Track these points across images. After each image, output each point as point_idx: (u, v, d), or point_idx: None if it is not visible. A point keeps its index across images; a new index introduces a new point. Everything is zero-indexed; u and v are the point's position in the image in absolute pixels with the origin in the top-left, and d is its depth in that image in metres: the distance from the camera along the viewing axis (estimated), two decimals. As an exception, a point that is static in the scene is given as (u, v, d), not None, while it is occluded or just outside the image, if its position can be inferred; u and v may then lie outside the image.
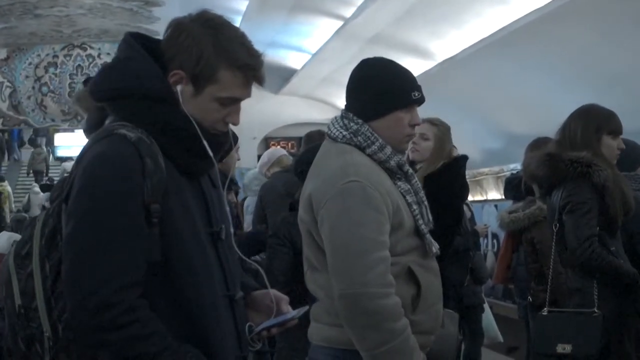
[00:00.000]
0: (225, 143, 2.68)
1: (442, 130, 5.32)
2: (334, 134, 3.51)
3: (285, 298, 2.87)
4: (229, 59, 2.53)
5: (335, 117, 3.58)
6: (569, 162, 4.72)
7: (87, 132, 2.71)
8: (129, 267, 2.37)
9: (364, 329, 3.25)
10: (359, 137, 3.45)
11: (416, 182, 3.57)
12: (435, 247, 3.52)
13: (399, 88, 3.48)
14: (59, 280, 2.42)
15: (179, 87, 2.53)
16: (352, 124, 3.48)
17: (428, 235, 3.49)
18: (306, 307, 2.92)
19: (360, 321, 3.25)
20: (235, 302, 2.66)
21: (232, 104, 2.60)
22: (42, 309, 2.43)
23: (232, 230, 2.76)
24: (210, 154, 2.57)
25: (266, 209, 6.80)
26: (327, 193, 3.33)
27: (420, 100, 3.50)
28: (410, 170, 3.58)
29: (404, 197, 3.45)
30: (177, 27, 2.57)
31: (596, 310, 4.63)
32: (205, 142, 2.54)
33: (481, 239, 9.85)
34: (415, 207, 3.47)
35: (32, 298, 2.44)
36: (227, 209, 2.79)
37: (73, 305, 2.34)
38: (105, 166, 2.41)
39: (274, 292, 2.87)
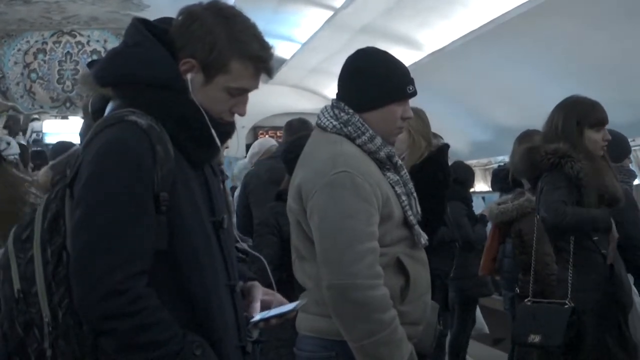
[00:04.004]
0: (231, 132, 2.69)
1: (417, 122, 5.28)
2: (324, 123, 3.52)
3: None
4: (241, 49, 2.55)
5: (326, 107, 3.59)
6: (545, 154, 4.76)
7: (93, 116, 2.71)
8: (137, 256, 2.37)
9: (353, 320, 3.27)
10: (349, 127, 3.46)
11: (405, 173, 3.60)
12: (423, 238, 3.54)
13: (395, 82, 3.50)
14: (60, 266, 2.42)
15: (189, 76, 2.54)
16: (342, 114, 3.49)
17: (417, 227, 3.52)
18: (305, 300, 2.93)
19: (348, 312, 3.27)
20: (235, 291, 2.67)
21: (240, 94, 2.62)
22: (43, 294, 2.43)
23: (233, 219, 2.78)
24: (218, 143, 2.58)
25: (249, 197, 6.81)
26: (317, 183, 3.35)
27: (414, 94, 3.52)
28: (400, 162, 3.60)
29: (393, 188, 3.47)
30: (190, 15, 2.57)
31: (567, 302, 4.66)
32: (213, 131, 2.55)
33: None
34: (404, 198, 3.48)
35: (32, 283, 2.44)
36: (230, 198, 2.80)
37: (80, 293, 2.35)
38: (117, 153, 2.41)
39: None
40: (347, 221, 3.28)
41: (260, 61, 2.60)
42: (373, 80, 3.50)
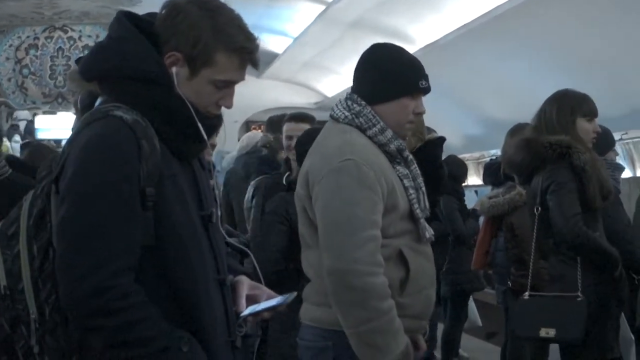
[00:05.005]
0: (218, 126, 2.68)
1: None
2: (337, 114, 3.58)
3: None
4: (226, 42, 2.53)
5: (340, 99, 3.64)
6: (548, 145, 4.74)
7: (82, 112, 2.70)
8: (124, 252, 2.36)
9: (350, 306, 3.30)
10: (361, 119, 3.52)
11: (415, 168, 3.64)
12: (429, 233, 3.57)
13: (407, 75, 3.55)
14: (46, 262, 2.41)
15: (174, 69, 2.52)
16: (355, 106, 3.54)
17: (422, 221, 3.55)
18: (294, 293, 2.93)
19: (346, 297, 3.30)
20: (225, 286, 2.67)
21: (226, 87, 2.60)
22: (29, 290, 2.42)
23: (219, 213, 2.77)
24: (205, 136, 2.57)
25: (230, 193, 6.85)
26: (323, 170, 3.40)
27: (427, 90, 3.58)
28: (410, 157, 3.65)
29: (402, 181, 3.51)
30: (174, 8, 2.55)
31: (580, 295, 4.64)
32: (200, 125, 2.54)
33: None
34: (412, 191, 3.52)
35: (19, 279, 2.43)
36: (217, 192, 2.79)
37: (66, 290, 2.33)
38: (101, 149, 2.40)
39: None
40: (351, 208, 3.32)
41: (246, 53, 2.59)
42: (386, 73, 3.55)
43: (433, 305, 3.65)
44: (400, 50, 3.67)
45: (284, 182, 5.45)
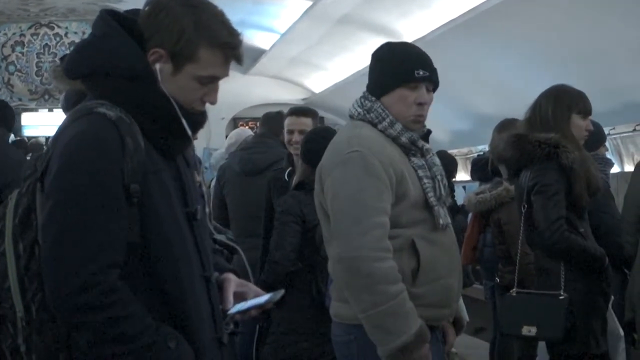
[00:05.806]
0: (203, 122, 2.68)
1: None
2: (352, 112, 3.74)
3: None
4: (209, 37, 2.54)
5: (356, 98, 3.77)
6: (537, 143, 4.72)
7: (66, 111, 2.69)
8: (109, 248, 2.36)
9: (359, 292, 3.40)
10: (372, 114, 3.65)
11: (431, 157, 3.74)
12: (443, 220, 3.63)
13: (402, 65, 3.65)
14: (32, 260, 2.41)
15: (157, 66, 2.52)
16: (367, 102, 3.69)
17: (437, 208, 3.61)
18: (282, 291, 2.92)
19: (355, 283, 3.40)
20: (210, 283, 2.67)
21: (210, 82, 2.61)
22: (15, 289, 2.41)
23: (206, 210, 2.77)
24: (189, 133, 2.57)
25: (223, 188, 6.82)
26: (332, 163, 3.55)
27: (426, 79, 3.66)
28: (426, 147, 3.75)
29: (416, 171, 3.61)
30: (157, 4, 2.55)
31: (562, 293, 4.64)
32: (184, 121, 2.53)
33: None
34: (426, 180, 3.61)
35: (5, 278, 2.42)
36: (204, 188, 2.80)
37: (52, 286, 2.33)
38: (86, 146, 2.40)
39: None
40: (357, 196, 3.44)
41: (229, 48, 2.59)
42: (385, 66, 3.70)
43: (456, 292, 3.75)
44: (402, 44, 3.89)
45: (286, 177, 5.47)
